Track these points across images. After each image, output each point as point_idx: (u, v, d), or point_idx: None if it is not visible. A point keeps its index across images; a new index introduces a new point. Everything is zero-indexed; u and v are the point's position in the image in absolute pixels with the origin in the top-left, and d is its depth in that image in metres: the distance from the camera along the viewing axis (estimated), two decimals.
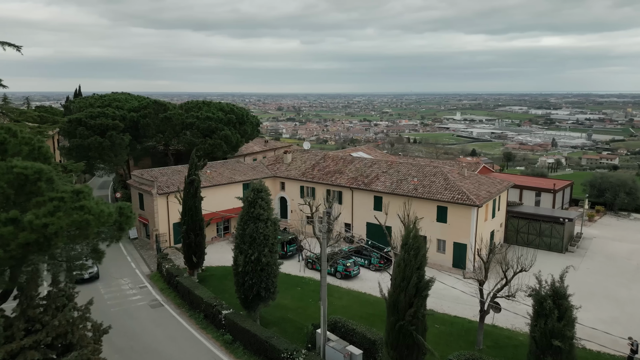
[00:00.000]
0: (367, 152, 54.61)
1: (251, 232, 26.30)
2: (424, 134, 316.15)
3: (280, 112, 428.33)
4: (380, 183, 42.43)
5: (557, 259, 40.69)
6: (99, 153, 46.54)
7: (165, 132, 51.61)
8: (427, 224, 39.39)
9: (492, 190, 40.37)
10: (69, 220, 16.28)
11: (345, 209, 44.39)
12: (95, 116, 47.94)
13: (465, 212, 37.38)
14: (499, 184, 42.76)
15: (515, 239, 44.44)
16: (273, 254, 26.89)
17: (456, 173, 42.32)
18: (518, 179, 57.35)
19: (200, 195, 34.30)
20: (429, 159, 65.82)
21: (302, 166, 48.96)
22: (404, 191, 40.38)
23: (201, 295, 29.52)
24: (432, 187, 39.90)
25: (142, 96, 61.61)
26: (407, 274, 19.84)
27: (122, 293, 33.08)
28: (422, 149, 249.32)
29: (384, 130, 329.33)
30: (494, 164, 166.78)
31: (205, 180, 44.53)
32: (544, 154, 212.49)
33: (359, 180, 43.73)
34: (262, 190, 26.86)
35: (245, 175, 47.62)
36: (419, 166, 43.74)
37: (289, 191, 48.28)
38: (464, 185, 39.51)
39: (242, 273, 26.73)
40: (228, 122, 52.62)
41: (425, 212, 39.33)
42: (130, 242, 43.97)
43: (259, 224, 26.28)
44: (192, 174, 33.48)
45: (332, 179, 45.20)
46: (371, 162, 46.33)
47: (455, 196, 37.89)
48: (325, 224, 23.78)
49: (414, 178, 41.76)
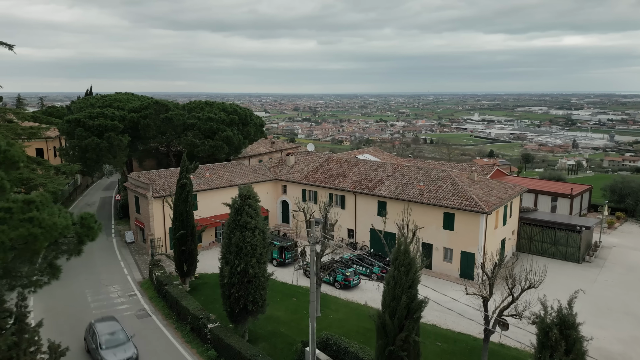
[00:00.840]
0: (373, 154, 52.60)
1: (237, 241, 24.60)
2: (441, 135, 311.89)
3: (296, 113, 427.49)
4: (385, 187, 40.40)
5: (573, 270, 38.19)
6: (97, 154, 45.38)
7: (165, 133, 50.31)
8: (433, 231, 37.30)
9: (503, 196, 38.02)
10: (15, 234, 14.78)
11: (349, 214, 42.46)
12: (94, 117, 46.84)
13: (473, 219, 35.16)
14: (511, 189, 40.36)
15: (529, 247, 41.98)
16: (261, 265, 25.13)
17: (465, 177, 40.07)
18: (533, 183, 54.69)
19: (192, 200, 32.75)
20: (440, 162, 63.41)
21: (305, 169, 47.17)
22: (408, 196, 38.31)
23: (188, 307, 27.93)
24: (438, 193, 37.74)
25: (146, 96, 60.50)
26: (397, 293, 17.87)
27: (110, 302, 31.69)
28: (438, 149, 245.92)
29: (400, 131, 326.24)
30: (512, 166, 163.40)
31: (204, 184, 43.10)
32: (564, 155, 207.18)
33: (362, 184, 41.77)
34: (249, 196, 25.15)
35: (246, 178, 46.03)
36: (425, 170, 41.59)
37: (291, 195, 46.55)
38: (472, 190, 37.27)
39: (227, 285, 25.05)
40: (230, 123, 51.11)
41: (431, 218, 37.22)
42: (126, 247, 42.72)
43: (245, 233, 24.56)
44: (183, 177, 31.96)
45: (335, 182, 43.31)
46: (376, 165, 44.31)
47: (463, 202, 35.69)
48: (313, 234, 21.95)
49: (420, 182, 39.64)
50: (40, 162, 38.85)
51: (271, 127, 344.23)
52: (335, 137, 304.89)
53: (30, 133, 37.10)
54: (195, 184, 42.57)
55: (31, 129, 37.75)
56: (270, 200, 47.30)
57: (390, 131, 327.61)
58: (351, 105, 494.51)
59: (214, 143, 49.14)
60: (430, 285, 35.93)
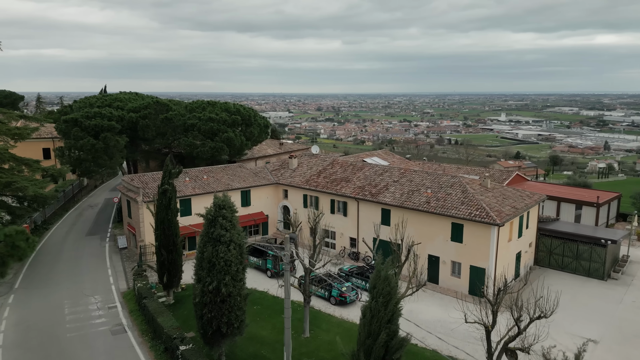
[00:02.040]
0: (383, 158, 49.61)
1: (210, 256, 22.15)
2: (466, 135, 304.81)
3: (319, 113, 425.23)
4: (389, 194, 37.44)
5: (597, 288, 34.52)
6: (92, 156, 43.74)
7: (165, 134, 48.42)
8: (440, 243, 34.21)
9: (519, 206, 34.61)
10: None
11: (351, 221, 39.64)
12: (91, 116, 45.28)
13: (484, 231, 31.92)
14: (529, 197, 36.87)
15: (548, 261, 38.41)
16: (237, 283, 22.60)
17: (477, 184, 36.77)
18: (556, 189, 50.78)
19: (176, 207, 30.52)
20: (457, 165, 59.92)
21: (308, 172, 44.54)
22: (414, 204, 35.27)
23: (163, 324, 25.66)
24: (446, 201, 34.59)
25: (150, 96, 58.87)
26: (374, 329, 15.10)
27: (87, 314, 29.70)
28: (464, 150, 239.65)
29: (424, 131, 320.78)
30: (538, 168, 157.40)
31: (199, 187, 40.94)
32: (594, 157, 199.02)
33: (366, 190, 38.89)
34: (224, 206, 22.67)
35: (245, 181, 43.69)
36: (434, 175, 38.44)
37: (292, 200, 43.99)
38: (484, 199, 33.99)
39: (199, 304, 22.64)
40: (232, 124, 48.90)
41: (438, 229, 34.13)
42: (118, 253, 40.88)
43: (219, 247, 22.08)
44: (165, 182, 29.74)
45: (337, 187, 40.55)
46: (382, 170, 41.35)
47: (473, 212, 32.47)
48: (287, 252, 19.34)
49: (428, 189, 36.54)
50: (29, 163, 37.33)
51: (294, 127, 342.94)
52: (357, 137, 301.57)
53: (15, 133, 35.54)
54: (190, 188, 40.52)
55: (17, 129, 36.22)
56: (271, 205, 44.87)
57: (414, 131, 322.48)
58: (375, 105, 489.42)
59: (214, 144, 47.00)
60: (436, 302, 32.99)
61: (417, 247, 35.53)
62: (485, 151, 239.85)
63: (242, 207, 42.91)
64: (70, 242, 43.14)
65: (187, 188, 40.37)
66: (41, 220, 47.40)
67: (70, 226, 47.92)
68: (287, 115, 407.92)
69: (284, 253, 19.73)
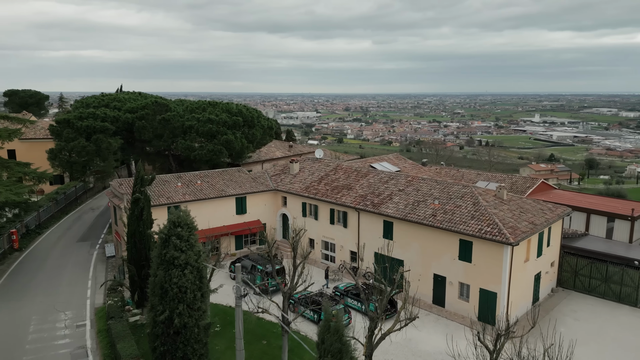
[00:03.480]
0: (393, 163, 45.87)
1: (161, 281, 19.23)
2: (498, 137, 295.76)
3: (347, 113, 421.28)
4: (393, 205, 33.82)
5: (628, 317, 30.07)
6: (83, 158, 41.71)
7: (162, 136, 46.03)
8: (447, 261, 30.45)
9: (539, 221, 30.47)
10: None
11: (351, 233, 36.22)
12: (84, 117, 43.32)
13: (496, 250, 28.01)
14: (551, 211, 32.63)
15: (573, 282, 34.07)
16: (194, 313, 19.61)
17: (492, 195, 32.76)
18: (586, 199, 45.90)
19: (150, 218, 27.76)
20: (477, 171, 55.57)
21: (309, 178, 41.31)
22: (418, 217, 31.57)
23: (121, 352, 22.90)
24: (455, 214, 30.76)
25: (154, 95, 56.83)
26: None
27: (52, 333, 27.28)
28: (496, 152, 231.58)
29: (454, 132, 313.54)
30: (572, 172, 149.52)
31: (190, 193, 38.25)
32: (633, 161, 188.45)
33: (367, 200, 35.38)
34: (179, 223, 19.67)
35: (242, 187, 40.78)
36: (444, 185, 34.59)
37: (291, 208, 40.84)
38: (498, 213, 30.02)
39: (152, 335, 19.78)
40: (233, 126, 46.12)
41: (445, 246, 30.37)
42: (105, 262, 38.60)
43: (172, 272, 19.14)
44: (137, 190, 27.03)
45: (338, 196, 37.16)
46: (388, 177, 37.73)
47: (483, 228, 28.57)
48: (240, 284, 16.16)
49: (435, 200, 32.77)
50: (10, 166, 35.43)
51: (321, 127, 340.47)
52: (385, 138, 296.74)
53: None
54: (180, 194, 37.90)
55: None
56: (269, 212, 41.83)
57: (444, 132, 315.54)
58: (404, 105, 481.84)
59: (212, 147, 44.32)
60: (440, 328, 29.25)
61: (422, 266, 31.89)
62: (517, 153, 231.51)
63: (237, 214, 40.03)
64: (59, 248, 41.19)
65: (177, 194, 37.76)
66: (35, 225, 45.73)
67: (65, 231, 46.10)
68: (315, 116, 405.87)
69: (234, 285, 16.62)
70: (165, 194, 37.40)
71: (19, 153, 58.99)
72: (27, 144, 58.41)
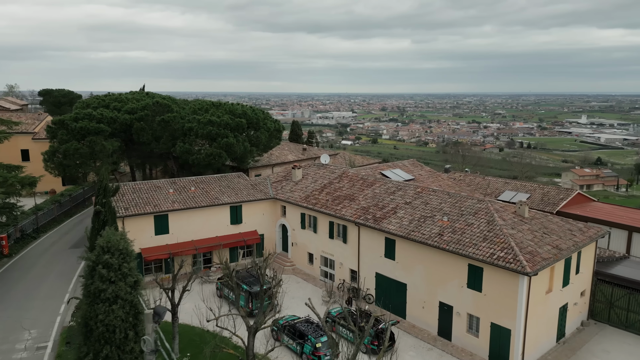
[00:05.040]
0: (408, 170, 41.63)
1: (86, 317, 16.21)
2: (541, 139, 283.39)
3: (383, 113, 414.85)
4: (396, 220, 29.83)
5: None
6: (75, 161, 39.70)
7: (161, 138, 43.57)
8: (455, 288, 26.31)
9: (565, 245, 25.84)
10: None
11: (351, 250, 32.46)
12: (79, 118, 41.35)
13: (510, 280, 23.68)
14: (581, 232, 27.84)
15: (607, 315, 29.14)
16: (125, 356, 16.47)
17: (511, 212, 28.27)
18: (629, 215, 40.23)
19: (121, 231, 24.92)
20: (504, 180, 50.51)
21: (310, 186, 37.78)
22: (422, 236, 27.49)
23: None
24: (465, 234, 26.53)
25: (165, 96, 54.65)
26: None
27: (8, 356, 24.86)
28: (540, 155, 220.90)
29: (494, 133, 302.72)
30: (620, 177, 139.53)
31: (179, 202, 35.45)
32: None
33: (369, 213, 31.52)
34: (109, 249, 16.57)
35: (238, 195, 37.67)
36: (456, 198, 30.30)
37: (290, 218, 37.43)
38: (515, 234, 25.60)
39: None
40: (235, 128, 43.13)
41: (452, 270, 26.23)
42: None
43: (98, 307, 16.08)
44: (99, 202, 24.26)
45: (338, 207, 33.46)
46: (395, 187, 33.72)
47: (496, 253, 24.27)
48: (151, 337, 12.89)
49: (444, 216, 28.59)
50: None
51: (356, 127, 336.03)
52: (421, 139, 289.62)
53: None
54: (169, 202, 35.15)
55: None
56: (268, 223, 38.56)
57: (483, 133, 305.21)
58: (442, 105, 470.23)
59: (211, 151, 41.47)
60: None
61: (427, 292, 27.87)
62: (561, 156, 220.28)
63: (232, 224, 36.95)
64: (49, 255, 39.29)
65: (165, 202, 35.03)
66: (32, 228, 44.19)
67: (62, 236, 44.35)
68: (350, 116, 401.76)
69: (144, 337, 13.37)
70: (152, 202, 34.74)
71: (32, 153, 58.29)
72: (40, 143, 57.51)
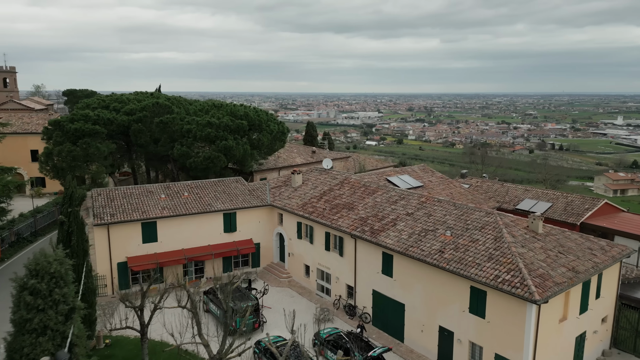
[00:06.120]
0: (417, 176, 38.72)
1: (11, 350, 14.27)
2: (574, 140, 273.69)
3: (410, 113, 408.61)
4: (395, 233, 27.15)
5: None
6: (68, 163, 38.40)
7: (159, 141, 41.95)
8: (455, 313, 23.53)
9: (583, 267, 22.72)
10: None
11: (348, 264, 29.93)
12: (75, 119, 40.09)
13: (516, 307, 20.77)
14: (603, 251, 24.60)
15: (633, 344, 25.79)
16: None
17: (522, 227, 25.25)
18: None
19: (84, 243, 23.12)
20: (524, 186, 46.97)
21: (309, 193, 35.39)
22: (422, 252, 24.75)
23: None
24: (468, 251, 23.69)
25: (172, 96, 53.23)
26: None
27: None
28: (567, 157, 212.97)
29: (524, 134, 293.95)
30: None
31: (169, 208, 33.59)
32: None
33: (367, 225, 28.90)
34: (37, 273, 14.57)
35: (233, 201, 35.59)
36: (462, 209, 27.41)
37: (287, 227, 35.13)
38: (526, 253, 22.62)
39: None
40: (236, 130, 41.13)
41: (453, 292, 23.46)
42: None
43: (24, 338, 14.12)
44: (64, 211, 22.47)
45: (335, 217, 30.95)
46: (398, 196, 31.00)
47: (501, 275, 21.38)
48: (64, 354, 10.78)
49: (447, 230, 25.77)
50: None
51: (382, 127, 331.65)
52: (448, 140, 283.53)
53: None
54: (158, 209, 33.34)
55: None
56: (264, 231, 36.36)
57: (513, 134, 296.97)
58: (471, 105, 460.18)
59: (208, 154, 39.58)
60: None
61: (426, 315, 25.16)
62: (595, 158, 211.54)
63: (225, 232, 34.90)
64: None
65: (155, 208, 33.23)
66: (30, 232, 43.20)
67: None
68: (376, 116, 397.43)
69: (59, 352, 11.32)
70: (141, 208, 33.00)
71: None
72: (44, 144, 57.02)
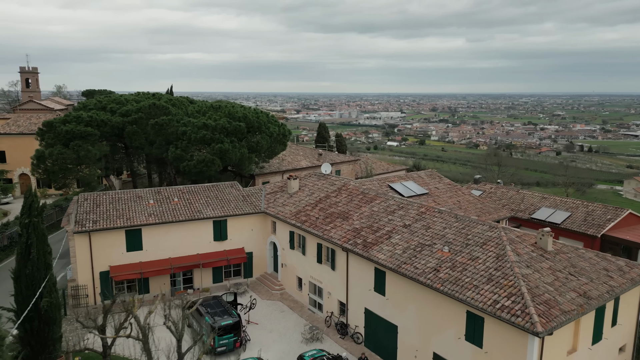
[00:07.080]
0: (423, 183, 36.08)
1: None
2: (604, 142, 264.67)
3: (433, 113, 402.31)
4: (388, 248, 24.76)
5: None
6: (59, 166, 37.21)
7: (154, 143, 40.44)
8: (451, 340, 21.05)
9: (596, 292, 19.93)
10: None
11: (340, 279, 27.65)
12: (68, 120, 38.92)
13: (517, 338, 18.19)
14: (621, 273, 21.71)
15: None
16: None
17: (529, 244, 22.56)
18: None
19: (46, 256, 21.47)
20: (542, 194, 43.80)
21: (304, 200, 33.23)
22: (415, 270, 22.30)
23: None
24: (466, 271, 21.15)
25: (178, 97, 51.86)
26: None
27: None
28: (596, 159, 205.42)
29: (551, 136, 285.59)
30: None
31: (154, 215, 31.89)
32: None
33: (359, 237, 26.57)
34: None
35: (224, 208, 33.68)
36: (465, 222, 24.83)
37: (280, 236, 33.03)
38: (531, 274, 19.98)
39: None
40: (233, 132, 39.32)
41: (448, 317, 20.97)
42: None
43: None
44: (22, 222, 20.83)
45: (328, 227, 28.68)
46: (396, 205, 28.56)
47: (500, 300, 18.81)
48: None
49: (444, 246, 23.26)
50: None
51: (404, 127, 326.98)
52: (472, 141, 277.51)
53: None
54: (144, 216, 31.69)
55: None
56: (257, 240, 34.36)
57: (540, 135, 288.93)
58: (496, 106, 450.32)
59: (203, 157, 37.83)
60: None
61: (420, 339, 22.72)
62: (626, 161, 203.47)
63: (215, 241, 33.03)
64: None
65: (140, 215, 31.58)
66: None
67: (54, 243, 41.96)
68: (399, 116, 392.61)
69: None
70: (126, 214, 31.39)
71: None
72: None
